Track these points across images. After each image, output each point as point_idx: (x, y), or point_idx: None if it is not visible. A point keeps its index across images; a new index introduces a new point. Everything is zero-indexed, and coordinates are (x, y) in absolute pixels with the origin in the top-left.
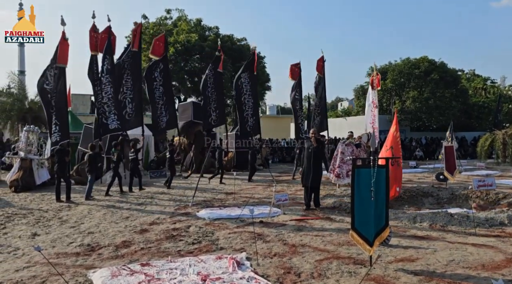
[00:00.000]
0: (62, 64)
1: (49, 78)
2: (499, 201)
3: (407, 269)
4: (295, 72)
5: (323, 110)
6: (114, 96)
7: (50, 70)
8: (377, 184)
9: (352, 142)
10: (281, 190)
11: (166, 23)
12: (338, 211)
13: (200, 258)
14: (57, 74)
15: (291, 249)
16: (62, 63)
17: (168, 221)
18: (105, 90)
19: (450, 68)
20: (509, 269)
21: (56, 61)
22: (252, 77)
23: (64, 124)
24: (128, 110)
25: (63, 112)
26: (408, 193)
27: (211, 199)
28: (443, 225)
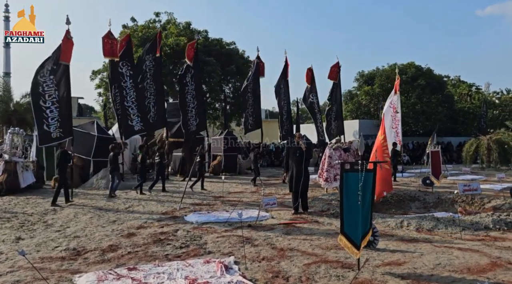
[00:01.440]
0: (65, 61)
1: (45, 72)
2: (484, 206)
3: (394, 272)
4: (308, 77)
5: (339, 114)
6: (137, 99)
7: (48, 64)
8: (364, 188)
9: (340, 146)
10: (269, 194)
11: (155, 26)
12: (326, 215)
13: (188, 262)
14: (59, 71)
15: (280, 253)
16: (65, 61)
17: (155, 225)
18: (129, 94)
19: (436, 74)
20: (494, 273)
21: (59, 58)
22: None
23: (67, 120)
24: (151, 114)
25: (66, 109)
26: (395, 197)
27: (199, 203)
28: (429, 229)
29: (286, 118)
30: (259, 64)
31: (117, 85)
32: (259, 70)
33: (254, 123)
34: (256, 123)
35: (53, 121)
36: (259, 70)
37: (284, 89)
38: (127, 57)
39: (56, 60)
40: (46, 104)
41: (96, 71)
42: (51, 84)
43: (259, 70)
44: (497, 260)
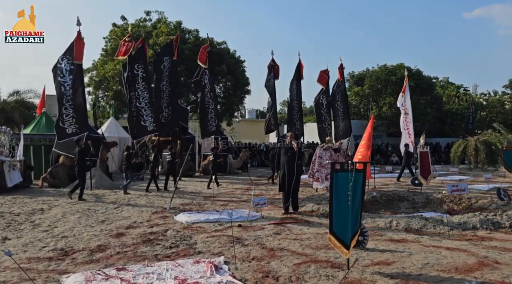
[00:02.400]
0: (78, 61)
1: (64, 72)
2: (472, 206)
3: (384, 272)
4: (323, 78)
5: (346, 115)
6: (150, 100)
7: (67, 65)
8: (354, 188)
9: (330, 146)
10: (259, 194)
11: (145, 25)
12: (316, 215)
13: (177, 262)
14: (73, 71)
15: (270, 253)
16: (78, 61)
17: (145, 225)
18: (142, 96)
19: (425, 75)
20: (481, 272)
21: (73, 58)
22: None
23: (82, 117)
24: (164, 114)
25: (81, 106)
26: (385, 198)
27: (189, 202)
28: (418, 229)
29: (298, 119)
30: (274, 67)
31: (132, 87)
32: (275, 73)
33: (275, 123)
34: (277, 125)
35: (67, 118)
36: (275, 73)
37: (297, 90)
38: (141, 59)
39: (71, 60)
40: (65, 102)
41: (84, 70)
42: (70, 83)
43: (275, 73)
44: (484, 260)
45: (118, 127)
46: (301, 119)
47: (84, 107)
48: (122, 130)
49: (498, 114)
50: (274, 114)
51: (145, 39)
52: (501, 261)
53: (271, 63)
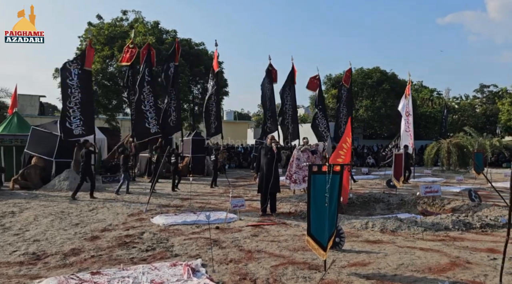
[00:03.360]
0: (88, 67)
1: (73, 76)
2: (444, 207)
3: (360, 273)
4: (314, 84)
5: (347, 118)
6: (155, 104)
7: (75, 69)
8: (331, 190)
9: (307, 148)
10: (237, 196)
11: (122, 24)
12: (293, 216)
13: (154, 266)
14: (81, 76)
15: (247, 255)
16: (88, 67)
17: (120, 228)
18: (147, 99)
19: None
20: (453, 272)
21: (83, 64)
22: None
23: (89, 119)
24: (172, 117)
25: (89, 109)
26: (361, 199)
27: (166, 204)
28: (393, 230)
29: (291, 122)
30: (272, 71)
31: (138, 90)
32: (272, 77)
33: (272, 126)
34: (272, 126)
35: (75, 120)
36: (272, 77)
37: (291, 94)
38: (148, 64)
39: (82, 66)
40: (70, 104)
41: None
42: (76, 87)
43: (272, 77)
44: (456, 260)
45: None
46: (296, 122)
47: (92, 111)
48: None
49: (470, 117)
50: (273, 116)
51: (122, 38)
52: (472, 261)
53: (268, 67)
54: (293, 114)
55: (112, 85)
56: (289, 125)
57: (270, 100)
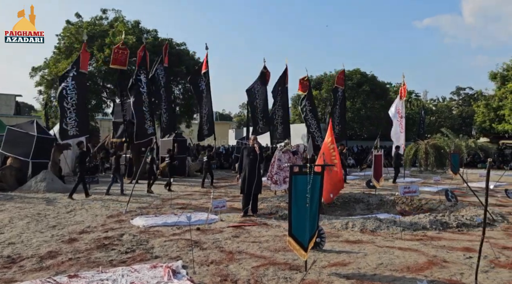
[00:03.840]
0: (84, 70)
1: (68, 78)
2: (422, 207)
3: (340, 273)
4: (305, 85)
5: (342, 119)
6: (150, 106)
7: (70, 72)
8: (312, 191)
9: (289, 149)
10: (218, 197)
11: (101, 23)
12: (275, 217)
13: (133, 268)
14: (76, 77)
15: (228, 256)
16: (84, 69)
17: (99, 230)
18: (145, 101)
19: (380, 81)
20: (431, 271)
21: (79, 67)
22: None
23: (84, 121)
24: (163, 119)
25: (84, 110)
26: (341, 199)
27: (146, 206)
28: (373, 230)
29: (282, 123)
30: (266, 74)
31: (134, 92)
32: (266, 79)
33: (264, 127)
34: (265, 127)
35: (70, 120)
36: (266, 79)
37: (282, 95)
38: (143, 65)
39: (77, 68)
40: (67, 105)
41: (36, 68)
42: (72, 89)
43: (266, 79)
44: (434, 259)
45: None
46: (287, 123)
47: (86, 112)
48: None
49: (446, 119)
50: (265, 117)
51: (101, 37)
52: (449, 260)
53: (262, 70)
54: (284, 114)
55: (91, 85)
56: (278, 125)
57: (264, 101)
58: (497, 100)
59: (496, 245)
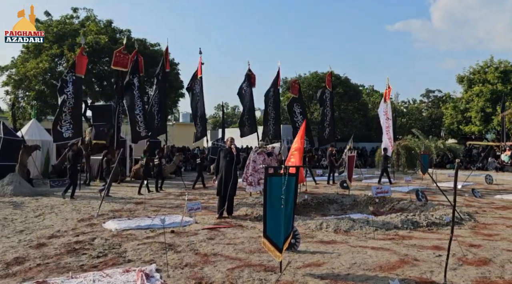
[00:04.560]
0: (80, 74)
1: (68, 83)
2: (394, 207)
3: (314, 273)
4: (295, 88)
5: (331, 121)
6: (143, 108)
7: (70, 77)
8: (287, 192)
9: (263, 150)
10: (193, 199)
11: (72, 22)
12: (250, 218)
13: (105, 272)
14: (76, 83)
15: (203, 259)
16: (80, 74)
17: (70, 234)
18: (137, 103)
19: (353, 83)
20: (402, 269)
21: (75, 70)
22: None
23: (78, 124)
24: (156, 120)
25: (78, 113)
26: (316, 200)
27: (119, 209)
28: (346, 230)
29: (274, 124)
30: (251, 76)
31: (129, 96)
32: (251, 82)
33: (250, 127)
34: (251, 128)
35: (65, 123)
36: (251, 82)
37: (274, 97)
38: (136, 70)
39: (74, 72)
40: (65, 109)
41: (3, 67)
42: (71, 93)
43: (251, 82)
44: (405, 258)
45: (40, 129)
46: (278, 124)
47: (80, 115)
48: (45, 133)
49: (417, 121)
50: (251, 118)
51: (72, 37)
52: (419, 258)
53: (247, 72)
54: (276, 116)
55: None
56: (271, 126)
57: (250, 103)
58: (464, 102)
59: (463, 243)
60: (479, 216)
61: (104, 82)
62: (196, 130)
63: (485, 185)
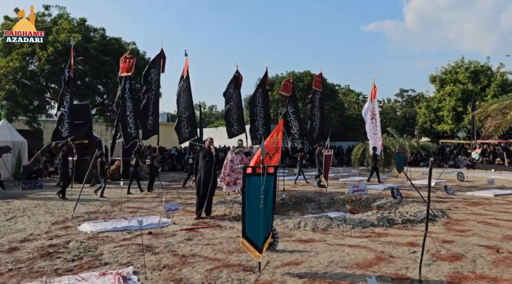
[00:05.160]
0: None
1: (67, 84)
2: (370, 204)
3: (293, 272)
4: (288, 87)
5: (321, 121)
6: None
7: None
8: (266, 192)
9: (241, 150)
10: (171, 199)
11: (44, 19)
12: (228, 218)
13: (81, 276)
14: (70, 82)
15: (181, 260)
16: (71, 74)
17: (43, 237)
18: (127, 105)
19: (329, 83)
20: (379, 266)
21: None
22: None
23: (73, 123)
24: (149, 121)
25: (74, 113)
26: (293, 199)
27: (94, 211)
28: (324, 229)
29: (263, 124)
30: (238, 78)
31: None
32: (238, 83)
33: (239, 128)
34: (240, 129)
35: (63, 122)
36: (238, 83)
37: (263, 97)
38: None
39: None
40: (64, 109)
41: None
42: (68, 93)
43: (238, 83)
44: (381, 255)
45: (11, 130)
46: (267, 124)
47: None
48: (17, 134)
49: (391, 120)
50: (239, 119)
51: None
52: (395, 255)
53: (235, 74)
54: (265, 115)
55: (33, 85)
56: (260, 126)
57: (237, 104)
58: (436, 102)
59: (437, 239)
60: (452, 213)
61: (78, 81)
62: (183, 131)
63: (457, 182)
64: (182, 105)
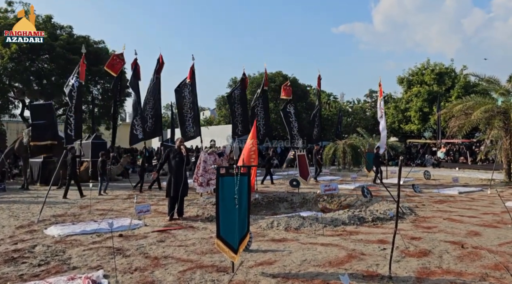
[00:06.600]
0: (82, 80)
1: (74, 87)
2: (341, 203)
3: (266, 272)
4: (288, 91)
5: (319, 121)
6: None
7: (76, 82)
8: (240, 192)
9: (214, 151)
10: (142, 201)
11: (6, 16)
12: (201, 219)
13: (48, 281)
14: (79, 87)
15: (153, 262)
16: (81, 80)
17: (7, 242)
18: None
19: (301, 83)
20: (350, 264)
21: (79, 77)
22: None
23: (79, 125)
24: (148, 124)
25: (79, 115)
26: (266, 199)
27: (62, 213)
28: (296, 228)
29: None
30: (245, 80)
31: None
32: (245, 85)
33: (244, 129)
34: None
35: (71, 126)
36: (245, 85)
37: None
38: (136, 77)
39: (78, 78)
40: (70, 113)
41: None
42: (75, 97)
43: (245, 85)
44: (353, 252)
45: None
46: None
47: (81, 117)
48: None
49: (361, 120)
50: (244, 121)
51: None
52: (366, 252)
53: (242, 76)
54: (266, 116)
55: None
56: (260, 126)
57: (243, 106)
58: (404, 102)
59: (406, 236)
60: (419, 210)
61: (44, 80)
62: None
63: (424, 180)
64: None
